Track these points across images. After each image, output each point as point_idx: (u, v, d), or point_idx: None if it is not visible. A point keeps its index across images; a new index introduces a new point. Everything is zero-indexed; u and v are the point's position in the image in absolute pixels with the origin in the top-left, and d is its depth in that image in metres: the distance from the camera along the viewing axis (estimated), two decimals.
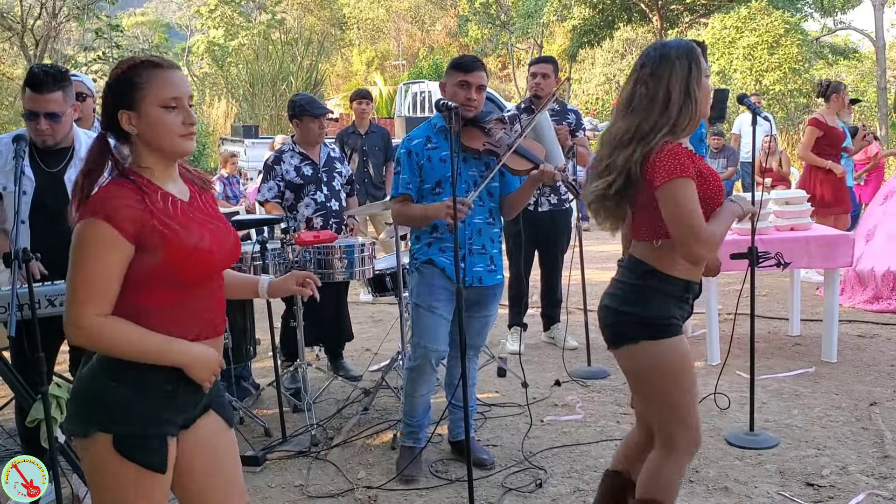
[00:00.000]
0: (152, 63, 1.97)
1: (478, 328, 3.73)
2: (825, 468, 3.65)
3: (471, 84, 3.51)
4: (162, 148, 1.97)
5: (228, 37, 34.24)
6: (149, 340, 1.92)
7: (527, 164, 3.53)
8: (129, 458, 1.91)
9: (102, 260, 1.87)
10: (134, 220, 1.88)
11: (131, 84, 1.94)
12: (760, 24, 20.36)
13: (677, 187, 2.40)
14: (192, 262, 1.95)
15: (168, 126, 1.95)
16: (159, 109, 1.94)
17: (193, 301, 2.00)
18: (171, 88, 1.95)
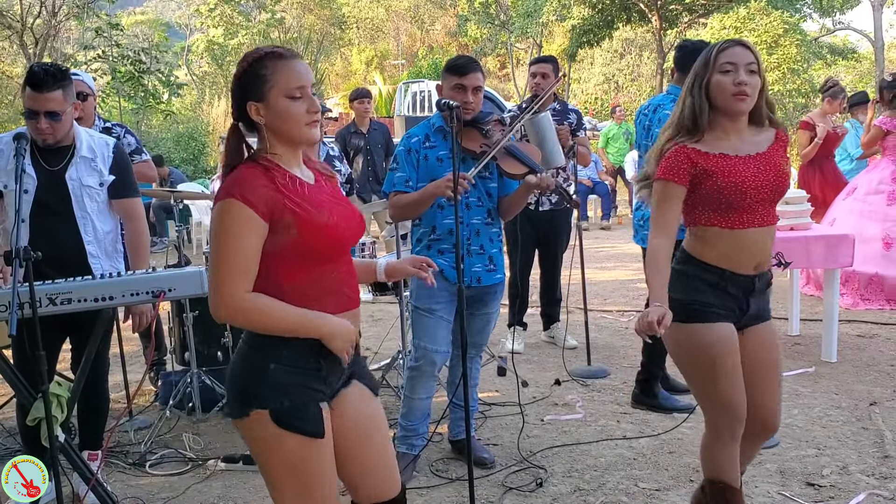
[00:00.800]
0: (276, 54, 2.04)
1: (479, 326, 3.73)
2: (825, 468, 3.65)
3: (466, 87, 3.50)
4: (290, 136, 2.06)
5: (228, 36, 34.18)
6: (291, 313, 2.01)
7: (522, 167, 3.52)
8: (289, 429, 2.00)
9: (242, 238, 1.96)
10: (267, 200, 1.97)
11: (258, 76, 2.02)
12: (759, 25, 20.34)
13: (657, 186, 2.64)
14: (324, 237, 2.03)
15: (294, 115, 2.03)
16: (285, 100, 2.02)
17: (327, 276, 2.08)
18: (296, 78, 2.03)
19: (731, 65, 2.54)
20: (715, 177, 2.56)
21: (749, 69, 2.54)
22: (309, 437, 2.02)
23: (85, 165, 3.42)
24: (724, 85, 2.55)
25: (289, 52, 2.07)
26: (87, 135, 3.50)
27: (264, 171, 2.02)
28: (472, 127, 3.58)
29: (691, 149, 2.59)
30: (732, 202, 2.57)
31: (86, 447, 3.65)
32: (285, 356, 2.03)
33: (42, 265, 3.04)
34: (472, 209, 3.56)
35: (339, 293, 2.11)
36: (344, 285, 2.13)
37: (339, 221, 2.08)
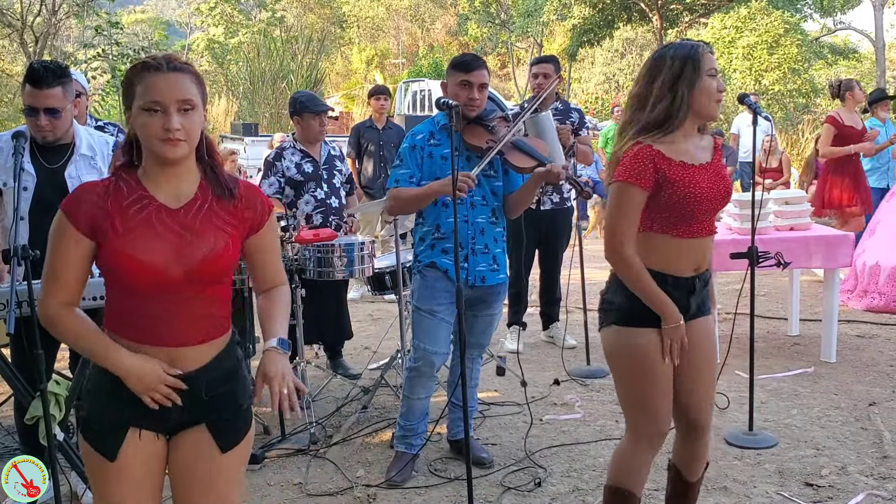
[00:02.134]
0: (145, 65, 1.95)
1: (482, 327, 3.73)
2: (824, 468, 3.65)
3: (472, 84, 3.50)
4: (149, 151, 1.97)
5: (228, 34, 34.22)
6: (90, 341, 1.99)
7: (530, 161, 3.51)
8: (85, 439, 2.03)
9: (59, 249, 1.96)
10: (90, 216, 1.93)
11: (129, 86, 1.96)
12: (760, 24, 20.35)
13: (618, 190, 2.51)
14: (127, 269, 1.93)
15: (147, 130, 1.92)
16: (142, 113, 1.92)
17: (145, 306, 1.96)
18: (154, 92, 1.91)
19: (715, 70, 2.51)
20: (676, 186, 2.48)
21: (720, 77, 2.56)
22: (100, 454, 1.99)
23: (85, 163, 3.42)
24: (712, 90, 2.50)
25: (160, 64, 1.93)
26: (86, 133, 3.50)
27: (105, 186, 1.98)
28: (477, 124, 3.57)
29: (657, 151, 2.48)
30: (686, 212, 2.52)
31: None
32: (94, 367, 2.02)
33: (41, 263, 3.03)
34: (477, 208, 3.56)
35: (156, 326, 1.98)
36: (163, 321, 1.98)
37: (156, 257, 1.93)
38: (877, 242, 6.71)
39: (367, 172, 7.59)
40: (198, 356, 2.02)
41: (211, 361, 2.04)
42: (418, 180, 3.52)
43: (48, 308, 1.97)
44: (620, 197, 2.50)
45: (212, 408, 2.05)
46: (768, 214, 5.32)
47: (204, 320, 2.03)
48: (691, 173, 2.51)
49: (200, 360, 2.03)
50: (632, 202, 2.49)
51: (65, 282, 1.96)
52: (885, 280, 6.51)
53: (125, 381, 1.96)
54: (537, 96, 5.27)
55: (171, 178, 2.00)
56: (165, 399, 1.97)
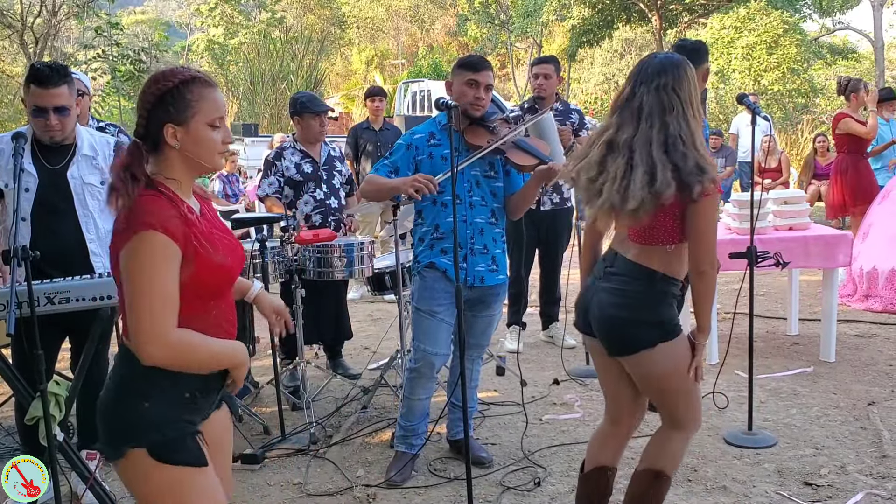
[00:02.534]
0: (203, 81, 2.01)
1: (482, 328, 3.73)
2: (823, 468, 3.66)
3: (479, 83, 3.51)
4: (201, 163, 2.03)
5: (228, 35, 34.20)
6: (217, 345, 2.02)
7: (532, 159, 3.52)
8: (170, 462, 1.95)
9: (168, 271, 1.89)
10: (182, 232, 1.92)
11: (183, 100, 1.96)
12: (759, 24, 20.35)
13: (708, 205, 2.50)
14: (218, 275, 2.01)
15: (213, 144, 2.00)
16: (206, 128, 1.98)
17: (214, 310, 2.05)
18: (217, 108, 2.01)
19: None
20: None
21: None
22: (192, 467, 1.98)
23: (86, 164, 3.43)
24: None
25: (211, 80, 2.05)
26: (87, 133, 3.52)
27: (167, 201, 1.94)
28: (479, 125, 3.58)
29: None
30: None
31: (85, 446, 3.66)
32: (158, 395, 1.96)
33: (43, 264, 3.04)
34: (476, 208, 3.56)
35: (221, 327, 2.07)
36: (224, 319, 2.10)
37: (229, 258, 2.04)
38: (871, 246, 6.72)
39: (366, 173, 7.61)
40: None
41: None
42: (402, 174, 3.52)
43: (172, 335, 1.89)
44: (711, 211, 2.52)
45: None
46: (767, 214, 5.33)
47: (235, 310, 2.18)
48: None
49: None
50: (715, 213, 2.56)
51: (176, 304, 1.91)
52: (884, 283, 6.52)
53: (235, 371, 2.09)
54: (545, 99, 5.28)
55: (189, 188, 2.08)
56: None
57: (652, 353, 2.59)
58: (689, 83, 2.56)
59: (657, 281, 2.59)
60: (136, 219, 1.87)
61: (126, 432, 1.94)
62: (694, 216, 2.50)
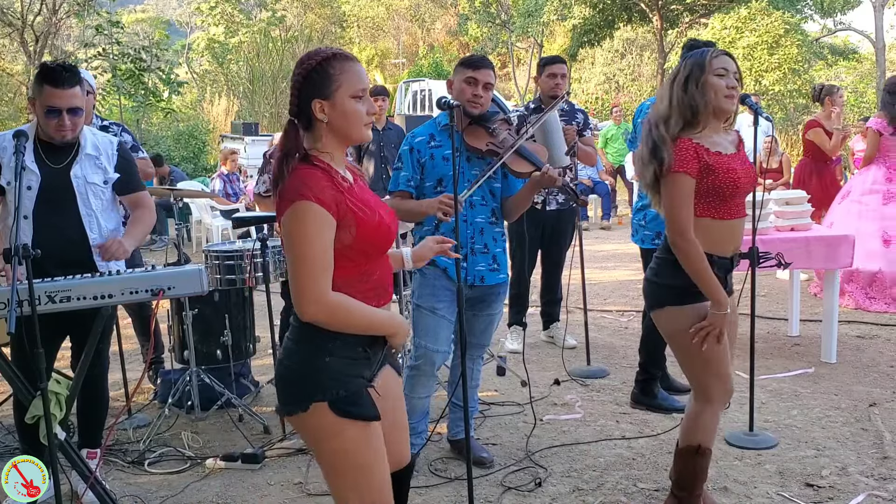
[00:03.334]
0: (345, 56, 2.12)
1: (482, 327, 3.72)
2: (825, 469, 3.65)
3: (478, 81, 3.51)
4: (349, 135, 2.14)
5: (229, 34, 34.17)
6: (369, 312, 2.13)
7: (528, 166, 3.51)
8: (348, 416, 2.09)
9: (322, 238, 2.03)
10: (335, 201, 2.05)
11: (326, 75, 2.08)
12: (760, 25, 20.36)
13: (672, 180, 2.83)
14: (379, 235, 2.14)
15: (358, 115, 2.11)
16: (350, 100, 2.09)
17: (374, 271, 2.18)
18: (362, 80, 2.12)
19: (725, 70, 2.86)
20: (716, 173, 2.83)
21: (735, 77, 2.89)
22: (366, 421, 2.12)
23: (90, 163, 3.43)
24: (720, 86, 2.85)
25: (351, 55, 2.15)
26: (91, 133, 3.51)
27: (322, 173, 2.08)
28: (479, 125, 3.57)
29: (696, 143, 2.83)
30: (726, 196, 2.86)
31: (85, 445, 3.65)
32: (338, 348, 2.10)
33: (46, 262, 3.04)
34: (476, 208, 3.56)
35: (380, 288, 2.20)
36: (386, 279, 2.24)
37: (386, 219, 2.18)
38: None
39: (368, 173, 7.60)
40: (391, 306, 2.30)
41: None
42: (417, 183, 3.53)
43: (329, 298, 2.04)
44: (676, 186, 2.82)
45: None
46: (769, 215, 5.32)
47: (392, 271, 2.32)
48: (725, 161, 2.87)
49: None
50: (685, 189, 2.81)
51: (330, 269, 2.05)
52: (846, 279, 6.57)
53: (393, 338, 2.20)
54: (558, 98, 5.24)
55: (342, 160, 2.20)
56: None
57: (667, 313, 2.95)
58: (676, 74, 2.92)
59: (670, 249, 2.89)
60: (293, 190, 2.03)
61: (309, 386, 2.10)
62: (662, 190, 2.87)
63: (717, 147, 2.88)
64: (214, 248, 4.74)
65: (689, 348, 2.91)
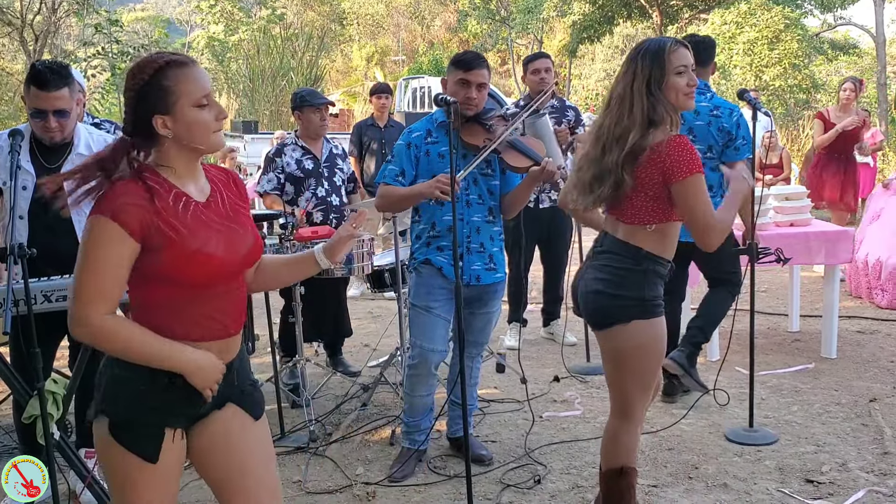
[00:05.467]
0: (176, 62, 1.93)
1: (480, 326, 3.71)
2: (825, 465, 3.64)
3: (470, 83, 3.48)
4: (197, 145, 1.96)
5: (228, 32, 34.18)
6: (150, 344, 1.91)
7: (526, 160, 3.50)
8: (119, 442, 1.94)
9: (111, 258, 1.86)
10: (140, 219, 1.86)
11: (161, 88, 1.90)
12: (760, 20, 20.31)
13: (694, 182, 2.59)
14: (194, 264, 1.92)
15: (204, 124, 1.94)
16: (194, 109, 1.92)
17: (200, 301, 1.97)
18: (201, 87, 1.94)
19: (684, 66, 2.65)
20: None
21: (692, 69, 2.69)
22: (140, 458, 1.95)
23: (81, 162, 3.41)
24: (680, 86, 2.65)
25: (187, 59, 1.96)
26: (86, 132, 3.50)
27: (143, 188, 1.90)
28: (475, 123, 3.56)
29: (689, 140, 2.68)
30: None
31: (83, 445, 3.65)
32: (136, 366, 1.93)
33: (40, 262, 3.03)
34: (473, 206, 3.54)
35: (210, 321, 2.00)
36: (221, 313, 2.01)
37: (216, 249, 1.95)
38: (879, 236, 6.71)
39: (370, 171, 7.59)
40: (237, 343, 2.10)
41: (241, 346, 2.13)
42: (412, 178, 3.52)
43: (94, 321, 1.85)
44: (699, 187, 2.60)
45: (234, 386, 2.10)
46: (768, 210, 5.31)
47: (241, 308, 2.09)
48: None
49: (237, 346, 2.10)
50: (704, 189, 2.62)
51: (111, 291, 1.87)
52: (887, 277, 6.49)
53: (190, 378, 1.94)
54: (542, 92, 5.23)
55: (193, 174, 2.02)
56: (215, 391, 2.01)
57: (625, 329, 2.68)
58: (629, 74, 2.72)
59: (643, 259, 2.68)
60: (96, 204, 1.89)
61: (102, 398, 1.97)
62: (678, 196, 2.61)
63: None
64: None
65: (647, 365, 2.73)
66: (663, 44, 2.67)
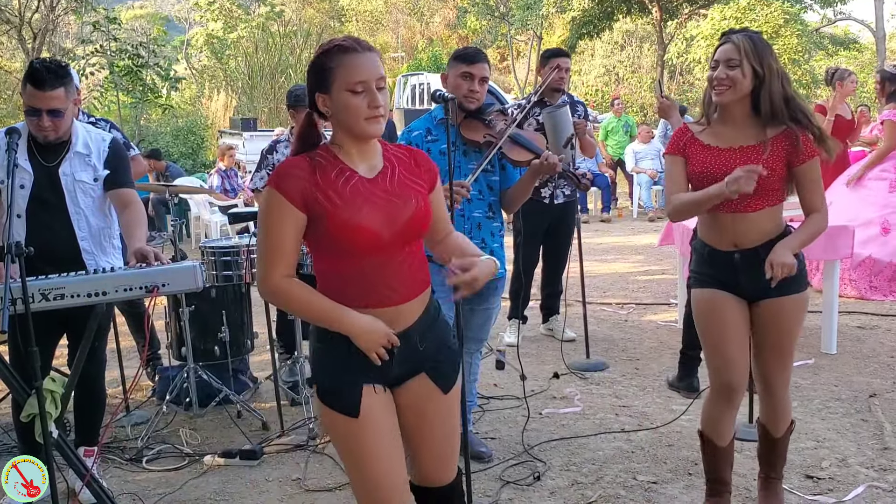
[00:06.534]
0: (342, 47, 2.06)
1: (480, 322, 3.71)
2: (824, 460, 3.64)
3: (474, 76, 3.48)
4: (350, 129, 2.09)
5: (227, 29, 34.11)
6: (319, 305, 2.10)
7: (527, 154, 3.49)
8: (328, 406, 2.14)
9: (277, 225, 2.06)
10: (301, 190, 2.04)
11: (324, 69, 2.06)
12: (760, 15, 20.32)
13: (665, 161, 3.02)
14: (348, 234, 2.05)
15: (354, 109, 2.04)
16: (346, 93, 2.04)
17: (363, 270, 2.11)
18: (358, 73, 2.03)
19: (716, 62, 2.78)
20: (688, 163, 2.88)
21: (728, 65, 2.74)
22: (342, 414, 2.12)
23: (79, 161, 3.41)
24: (710, 80, 2.83)
25: (356, 45, 2.08)
26: (83, 130, 3.49)
27: (309, 162, 2.08)
28: (475, 118, 3.55)
29: (690, 133, 2.91)
30: (702, 187, 2.83)
31: (82, 443, 3.65)
32: (326, 337, 2.14)
33: (38, 260, 3.02)
34: (473, 202, 3.54)
35: (374, 290, 2.13)
36: (387, 281, 2.14)
37: (371, 221, 2.07)
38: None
39: None
40: (412, 312, 2.20)
41: (422, 314, 2.23)
42: None
43: (273, 281, 2.08)
44: (666, 165, 2.98)
45: (427, 356, 2.24)
46: None
47: (413, 278, 2.20)
48: (711, 154, 2.84)
49: (414, 315, 2.20)
50: (673, 167, 2.92)
51: (285, 254, 2.07)
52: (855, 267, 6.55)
53: (355, 340, 2.10)
54: (560, 92, 5.20)
55: (364, 154, 2.15)
56: (385, 355, 2.13)
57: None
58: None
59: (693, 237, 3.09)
60: (271, 176, 2.09)
61: (312, 368, 2.21)
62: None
63: (718, 140, 2.85)
64: (211, 245, 4.72)
65: (698, 329, 3.00)
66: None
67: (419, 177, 2.23)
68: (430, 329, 2.25)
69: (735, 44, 2.74)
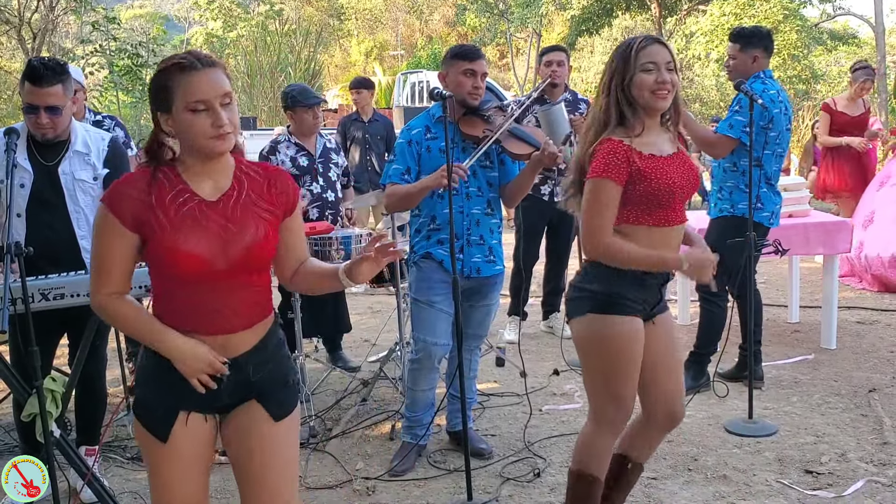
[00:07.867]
0: (180, 66, 1.96)
1: (479, 318, 3.71)
2: (824, 455, 3.65)
3: (476, 72, 3.49)
4: (193, 148, 2.00)
5: (227, 28, 34.12)
6: (143, 326, 2.05)
7: (528, 147, 3.50)
8: (139, 419, 2.10)
9: (106, 245, 2.00)
10: (132, 211, 1.97)
11: (163, 88, 1.98)
12: (759, 11, 20.27)
13: (594, 186, 2.53)
14: (170, 259, 1.99)
15: (197, 129, 1.96)
16: (187, 113, 1.95)
17: (195, 295, 2.03)
18: (197, 91, 1.94)
19: (653, 63, 2.52)
20: (649, 179, 2.52)
21: (667, 67, 2.54)
22: (154, 436, 2.08)
23: (78, 160, 3.41)
24: (647, 83, 2.52)
25: (196, 62, 1.96)
26: (83, 129, 3.49)
27: (147, 180, 2.00)
28: (474, 115, 3.55)
29: (627, 146, 2.53)
30: (661, 202, 2.56)
31: (83, 443, 3.65)
32: (155, 354, 2.07)
33: (38, 260, 3.03)
34: (472, 199, 3.54)
35: (206, 315, 2.04)
36: (219, 308, 2.05)
37: (197, 247, 1.98)
38: (877, 233, 6.69)
39: (354, 161, 7.59)
40: (245, 341, 2.10)
41: (257, 344, 2.13)
42: (415, 175, 3.51)
43: (98, 298, 2.04)
44: (598, 192, 2.52)
45: (260, 387, 2.14)
46: None
47: (249, 307, 2.11)
48: (660, 164, 2.55)
49: (247, 344, 2.11)
50: (609, 197, 2.52)
51: (112, 274, 2.02)
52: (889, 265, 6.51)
53: (176, 364, 2.03)
54: (558, 87, 5.22)
55: (211, 172, 2.06)
56: (210, 382, 2.05)
57: (582, 321, 2.67)
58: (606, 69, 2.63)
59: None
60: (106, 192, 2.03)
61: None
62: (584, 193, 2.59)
63: (652, 149, 2.56)
64: None
65: (592, 360, 2.70)
66: (632, 41, 2.57)
67: (270, 202, 2.11)
68: (266, 361, 2.13)
69: (665, 45, 2.57)
